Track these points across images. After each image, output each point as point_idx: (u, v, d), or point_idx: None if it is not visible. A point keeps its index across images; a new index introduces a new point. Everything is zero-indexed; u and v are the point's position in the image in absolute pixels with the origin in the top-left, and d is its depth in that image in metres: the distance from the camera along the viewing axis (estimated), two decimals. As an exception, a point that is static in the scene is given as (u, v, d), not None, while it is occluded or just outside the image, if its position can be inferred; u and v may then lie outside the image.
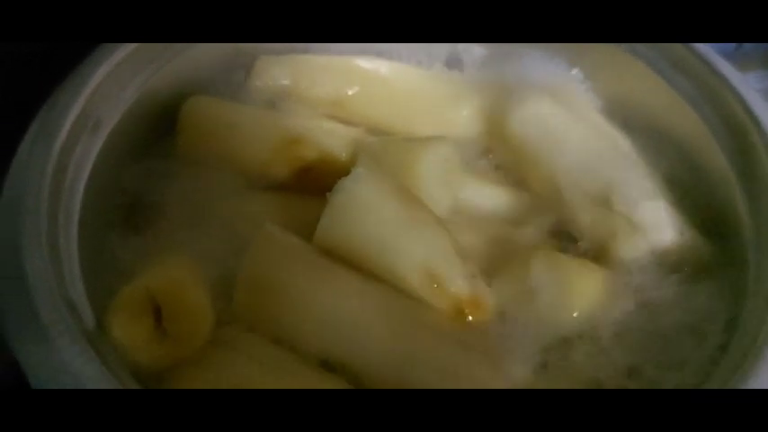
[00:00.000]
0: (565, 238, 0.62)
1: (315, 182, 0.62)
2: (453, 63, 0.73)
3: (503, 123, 0.66)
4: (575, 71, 0.70)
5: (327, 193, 0.56)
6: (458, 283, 0.55)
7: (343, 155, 0.63)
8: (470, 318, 0.55)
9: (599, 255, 0.60)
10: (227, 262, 0.57)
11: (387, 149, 0.62)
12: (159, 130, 0.65)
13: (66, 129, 0.55)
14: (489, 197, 0.64)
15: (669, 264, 0.59)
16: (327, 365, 0.54)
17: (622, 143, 0.65)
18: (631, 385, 0.54)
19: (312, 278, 0.55)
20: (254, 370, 0.53)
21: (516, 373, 0.53)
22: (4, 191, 0.53)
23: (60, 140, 0.55)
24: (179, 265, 0.55)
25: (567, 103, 0.66)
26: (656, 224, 0.60)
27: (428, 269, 0.55)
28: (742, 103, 0.59)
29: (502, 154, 0.67)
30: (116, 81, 0.60)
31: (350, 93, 0.68)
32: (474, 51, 0.72)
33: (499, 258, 0.60)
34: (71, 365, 0.46)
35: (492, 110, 0.68)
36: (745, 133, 0.59)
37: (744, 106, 0.59)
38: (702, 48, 0.63)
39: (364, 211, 0.55)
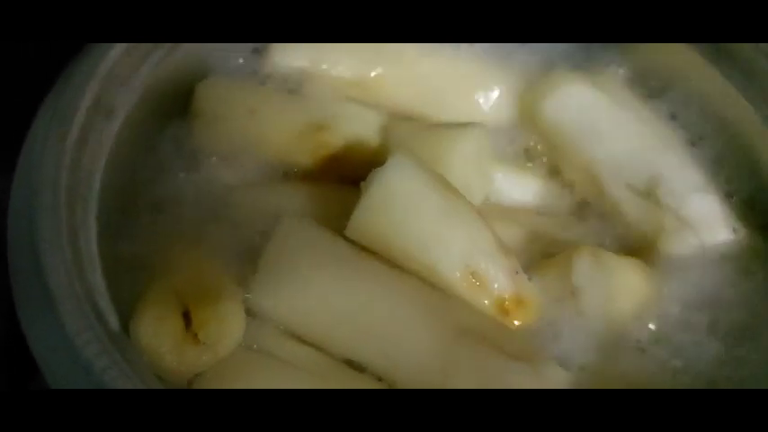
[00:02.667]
0: (608, 233, 0.59)
1: (341, 171, 0.59)
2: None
3: (535, 109, 0.63)
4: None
5: (361, 183, 0.53)
6: (501, 280, 0.52)
7: (372, 142, 0.60)
8: (515, 317, 0.52)
9: (646, 252, 0.57)
10: (248, 260, 0.53)
11: (419, 136, 0.59)
12: (174, 114, 0.61)
13: (80, 119, 0.51)
14: (525, 187, 0.61)
15: (720, 262, 0.56)
16: (357, 367, 0.51)
17: (667, 131, 0.61)
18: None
19: (339, 273, 0.52)
20: (284, 374, 0.50)
21: (559, 382, 0.50)
22: (16, 187, 0.49)
23: (75, 130, 0.50)
24: (206, 266, 0.51)
25: (605, 88, 0.63)
26: (707, 220, 0.57)
27: (470, 266, 0.52)
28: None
29: (536, 141, 0.64)
30: (128, 63, 0.56)
31: (372, 74, 0.64)
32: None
33: (538, 253, 0.57)
34: (100, 378, 0.42)
35: (524, 94, 0.64)
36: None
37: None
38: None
39: (402, 203, 0.52)
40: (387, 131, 0.60)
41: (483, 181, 0.59)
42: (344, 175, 0.58)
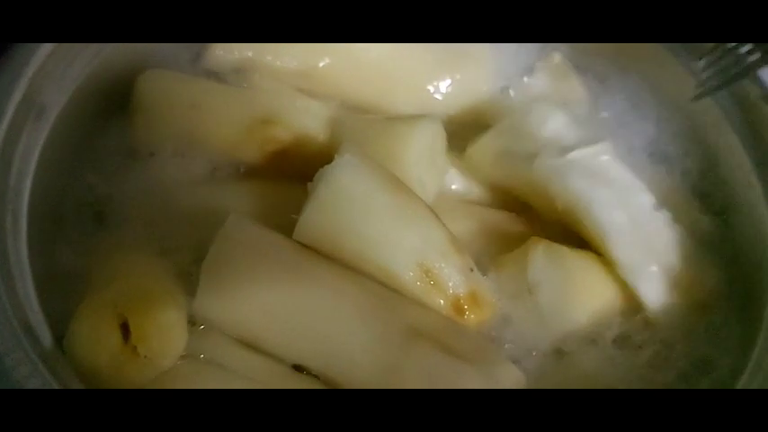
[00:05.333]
0: (565, 227, 0.57)
1: (291, 167, 0.57)
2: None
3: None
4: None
5: (309, 183, 0.51)
6: (455, 278, 0.50)
7: (321, 136, 0.58)
8: (471, 316, 0.50)
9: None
10: (194, 263, 0.51)
11: (371, 131, 0.56)
12: (112, 111, 0.58)
13: (8, 118, 0.49)
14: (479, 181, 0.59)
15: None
16: (305, 372, 0.49)
17: None
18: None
19: (284, 277, 0.49)
20: (229, 384, 0.48)
21: (513, 383, 0.48)
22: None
23: (2, 132, 0.48)
24: (146, 273, 0.49)
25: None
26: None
27: (423, 265, 0.50)
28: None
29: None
30: (60, 58, 0.53)
31: (320, 65, 0.61)
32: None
33: (493, 248, 0.55)
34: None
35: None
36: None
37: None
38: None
39: (351, 202, 0.50)
40: (337, 125, 0.58)
41: (437, 175, 0.57)
42: (294, 172, 0.55)
